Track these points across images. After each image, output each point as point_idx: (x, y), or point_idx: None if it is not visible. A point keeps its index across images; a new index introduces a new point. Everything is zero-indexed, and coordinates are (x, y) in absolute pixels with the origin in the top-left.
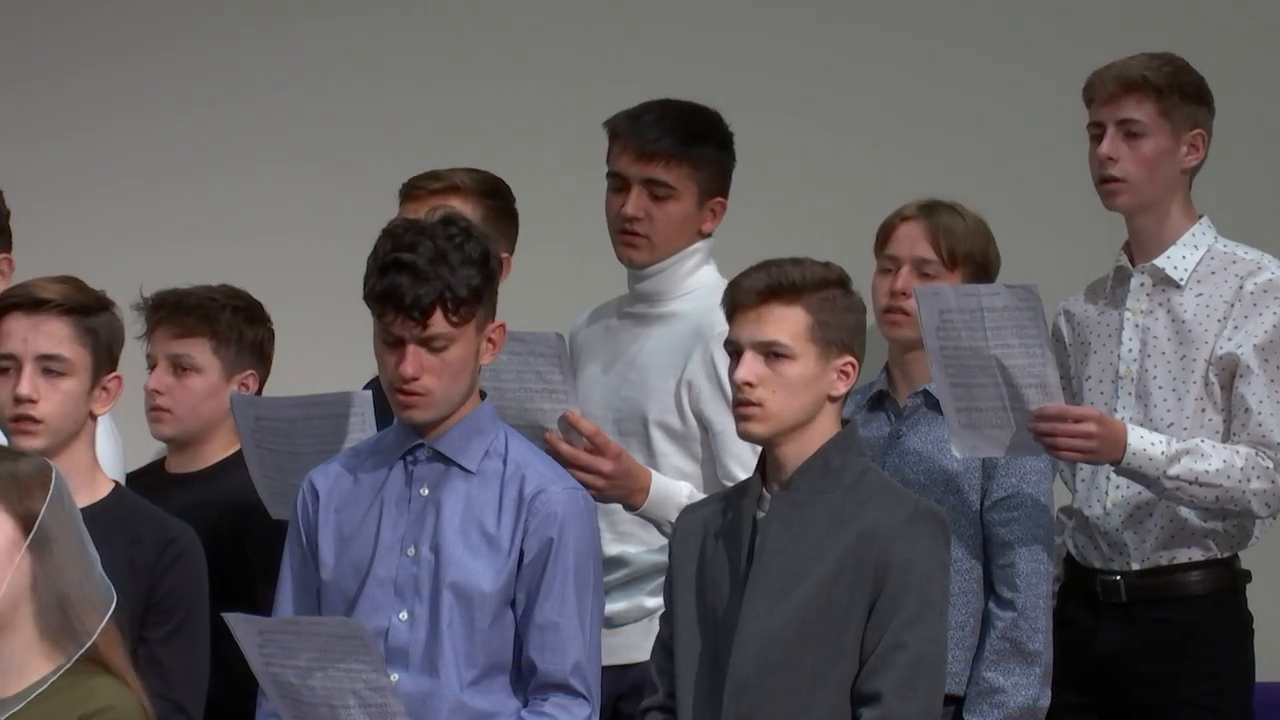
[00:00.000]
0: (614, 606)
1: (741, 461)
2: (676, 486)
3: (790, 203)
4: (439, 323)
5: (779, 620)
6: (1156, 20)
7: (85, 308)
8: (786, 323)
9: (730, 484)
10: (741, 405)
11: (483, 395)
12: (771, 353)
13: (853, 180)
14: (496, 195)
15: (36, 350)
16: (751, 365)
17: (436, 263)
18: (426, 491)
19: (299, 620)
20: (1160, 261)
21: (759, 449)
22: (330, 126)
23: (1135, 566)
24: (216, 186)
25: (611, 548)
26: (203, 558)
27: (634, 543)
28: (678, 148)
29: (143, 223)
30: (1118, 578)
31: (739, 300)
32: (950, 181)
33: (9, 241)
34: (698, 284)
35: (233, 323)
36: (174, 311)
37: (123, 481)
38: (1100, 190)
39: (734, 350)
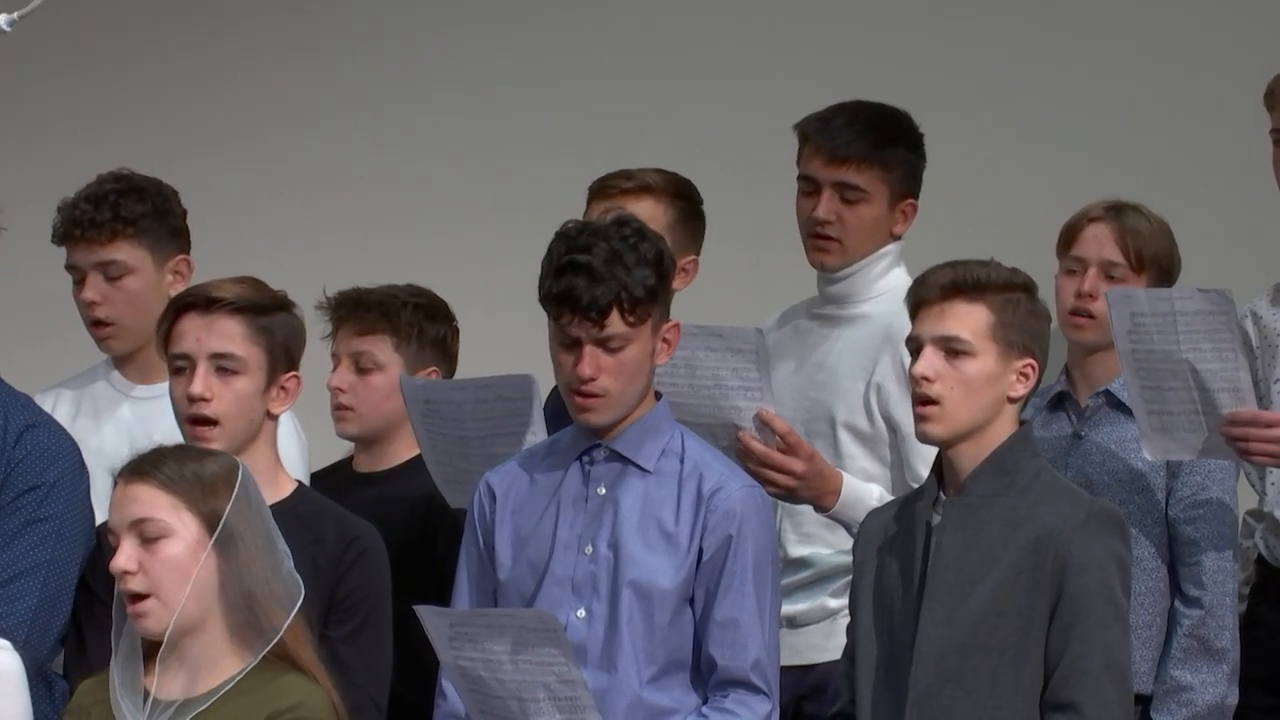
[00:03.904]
0: (797, 607)
1: (929, 463)
2: (867, 489)
3: (982, 203)
4: (616, 323)
5: (958, 626)
6: None
7: (260, 307)
8: (968, 319)
9: (918, 486)
10: (920, 404)
11: (658, 396)
12: (951, 349)
13: (1040, 181)
14: (686, 196)
15: (209, 349)
16: (931, 360)
17: (612, 263)
18: (604, 490)
19: (490, 612)
20: None
21: None
22: (513, 127)
23: None
24: (401, 187)
25: (797, 549)
26: (385, 556)
27: (819, 544)
28: (869, 150)
29: (327, 225)
30: None
31: (923, 295)
32: (1127, 182)
33: (188, 242)
34: (888, 286)
35: (413, 319)
36: (355, 309)
37: (306, 481)
38: None
39: (915, 346)
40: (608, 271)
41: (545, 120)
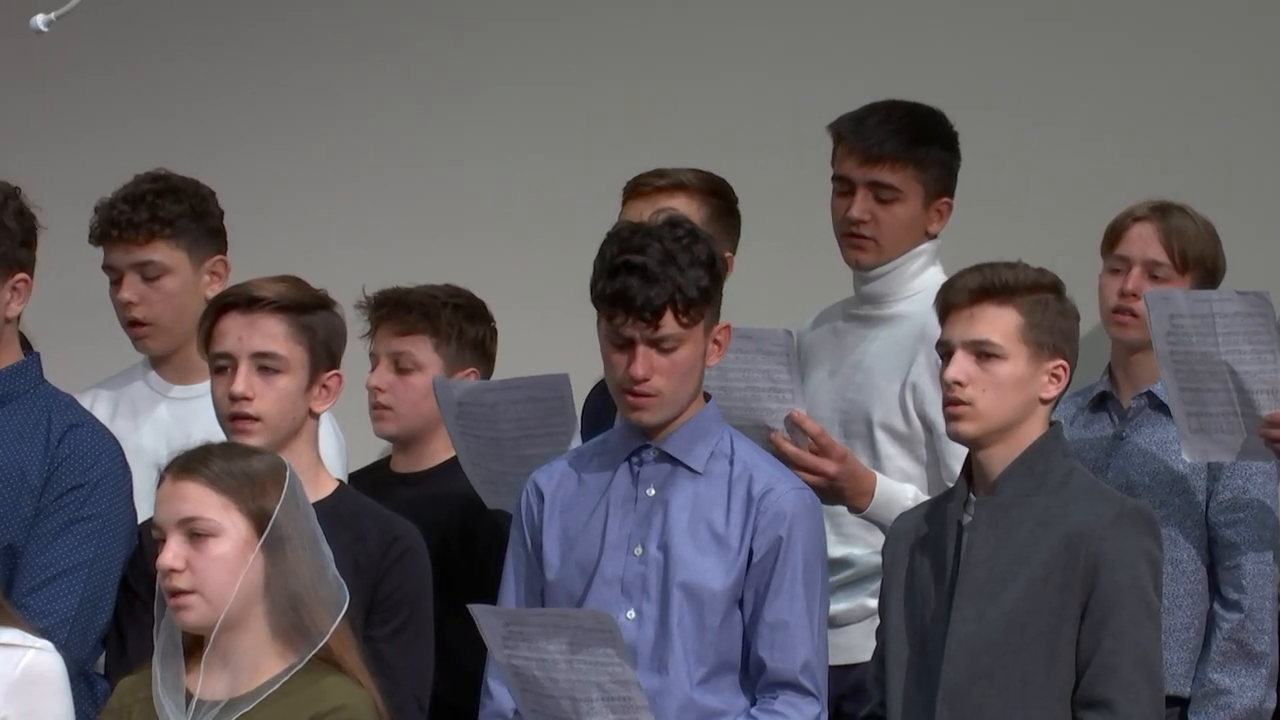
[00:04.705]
0: (837, 606)
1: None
2: (901, 489)
3: (1016, 203)
4: (669, 323)
5: (989, 625)
6: None
7: (301, 305)
8: (998, 322)
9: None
10: (951, 405)
11: (707, 397)
12: (982, 352)
13: (1078, 180)
14: (720, 194)
15: (251, 348)
16: (962, 365)
17: (666, 264)
18: (653, 491)
19: (545, 612)
20: None
21: None
22: (549, 127)
23: None
24: (439, 187)
25: (836, 549)
26: (426, 556)
27: (859, 544)
28: (903, 150)
29: (365, 224)
30: None
31: (951, 300)
32: (1165, 182)
33: (225, 243)
34: (924, 285)
35: (453, 320)
36: (395, 309)
37: (344, 479)
38: None
39: (945, 351)
40: (662, 272)
41: (581, 121)
